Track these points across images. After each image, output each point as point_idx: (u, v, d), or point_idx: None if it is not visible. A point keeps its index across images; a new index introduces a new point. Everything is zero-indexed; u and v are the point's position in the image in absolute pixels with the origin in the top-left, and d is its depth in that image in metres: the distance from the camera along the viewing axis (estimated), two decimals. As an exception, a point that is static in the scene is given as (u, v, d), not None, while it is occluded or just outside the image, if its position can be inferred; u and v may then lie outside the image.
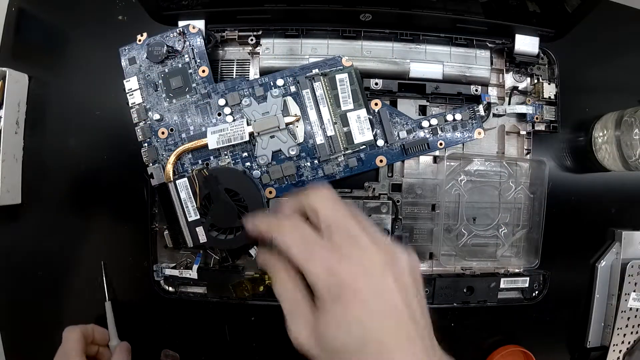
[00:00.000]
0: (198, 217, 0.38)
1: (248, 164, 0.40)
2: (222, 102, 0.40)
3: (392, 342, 0.25)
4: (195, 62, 0.40)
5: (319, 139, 0.40)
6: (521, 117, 0.44)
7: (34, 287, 0.44)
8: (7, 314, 0.44)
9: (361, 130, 0.39)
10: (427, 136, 0.41)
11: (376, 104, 0.41)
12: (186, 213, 0.39)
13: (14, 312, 0.45)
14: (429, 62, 0.42)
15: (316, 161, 0.40)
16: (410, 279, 0.27)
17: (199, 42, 0.40)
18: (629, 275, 0.46)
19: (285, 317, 0.27)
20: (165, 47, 0.39)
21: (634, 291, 0.46)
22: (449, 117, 0.41)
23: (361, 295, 0.25)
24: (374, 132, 0.40)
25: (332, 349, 0.25)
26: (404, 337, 0.25)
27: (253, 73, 0.43)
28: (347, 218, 0.27)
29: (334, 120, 0.40)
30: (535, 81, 0.45)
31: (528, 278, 0.44)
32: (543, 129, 0.44)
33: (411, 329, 0.25)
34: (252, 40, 0.42)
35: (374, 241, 0.26)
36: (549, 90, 0.44)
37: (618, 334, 0.46)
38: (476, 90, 0.42)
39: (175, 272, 0.42)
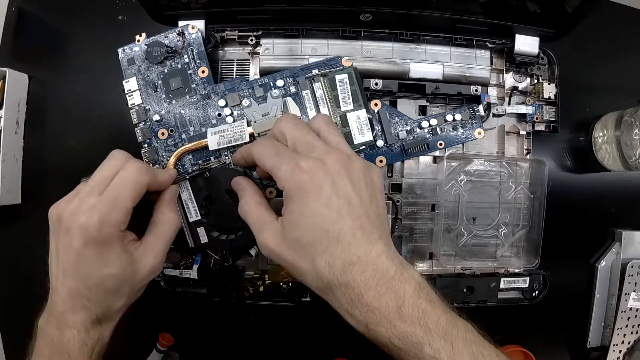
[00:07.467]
0: (199, 217, 0.38)
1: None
2: (222, 102, 0.39)
3: (348, 235, 0.28)
4: (195, 62, 0.40)
5: (319, 139, 0.40)
6: (521, 117, 0.44)
7: (34, 288, 0.44)
8: (7, 314, 0.44)
9: (361, 130, 0.39)
10: (427, 136, 0.41)
11: (376, 104, 0.41)
12: (187, 213, 0.39)
13: (14, 312, 0.45)
14: (429, 62, 0.42)
15: (316, 161, 0.40)
16: (363, 184, 0.30)
17: (199, 42, 0.40)
18: (629, 275, 0.46)
19: (254, 233, 0.31)
20: (165, 47, 0.39)
21: (634, 291, 0.46)
22: (449, 117, 0.41)
23: (319, 191, 0.28)
24: (374, 133, 0.40)
25: (298, 245, 0.28)
26: (360, 233, 0.28)
27: (253, 73, 0.43)
28: (308, 134, 0.31)
29: (334, 121, 0.39)
30: (535, 81, 0.44)
31: (528, 278, 0.44)
32: (543, 129, 0.44)
33: (367, 225, 0.28)
34: (252, 40, 0.42)
35: (332, 148, 0.30)
36: (549, 90, 0.44)
37: (618, 334, 0.46)
38: (476, 91, 0.42)
39: (175, 272, 0.42)
